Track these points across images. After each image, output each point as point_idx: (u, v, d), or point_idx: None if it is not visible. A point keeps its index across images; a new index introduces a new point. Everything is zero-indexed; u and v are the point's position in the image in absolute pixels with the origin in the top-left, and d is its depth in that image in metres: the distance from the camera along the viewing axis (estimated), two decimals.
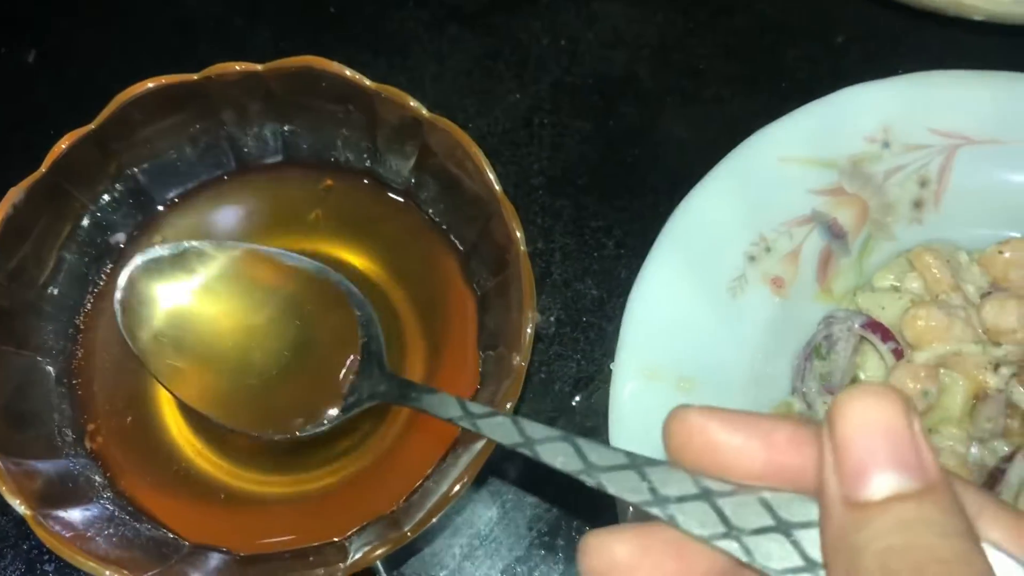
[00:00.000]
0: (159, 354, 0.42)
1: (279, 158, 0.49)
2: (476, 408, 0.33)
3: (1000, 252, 0.48)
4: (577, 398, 0.51)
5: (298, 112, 0.47)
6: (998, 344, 0.45)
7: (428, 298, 0.48)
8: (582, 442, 0.28)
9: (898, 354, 0.46)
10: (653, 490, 0.26)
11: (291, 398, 0.42)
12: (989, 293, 0.47)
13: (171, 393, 0.43)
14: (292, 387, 0.42)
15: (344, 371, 0.42)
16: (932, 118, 0.52)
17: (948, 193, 0.52)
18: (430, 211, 0.48)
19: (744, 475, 0.25)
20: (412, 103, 0.44)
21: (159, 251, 0.42)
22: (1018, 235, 0.49)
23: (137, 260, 0.42)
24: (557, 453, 0.28)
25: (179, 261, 0.43)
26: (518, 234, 0.43)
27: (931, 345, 0.45)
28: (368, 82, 0.44)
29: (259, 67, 0.45)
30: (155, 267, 0.42)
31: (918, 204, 0.52)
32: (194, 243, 0.43)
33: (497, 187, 0.43)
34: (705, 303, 0.48)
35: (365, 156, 0.48)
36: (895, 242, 0.51)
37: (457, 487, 0.40)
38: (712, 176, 0.50)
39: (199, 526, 0.44)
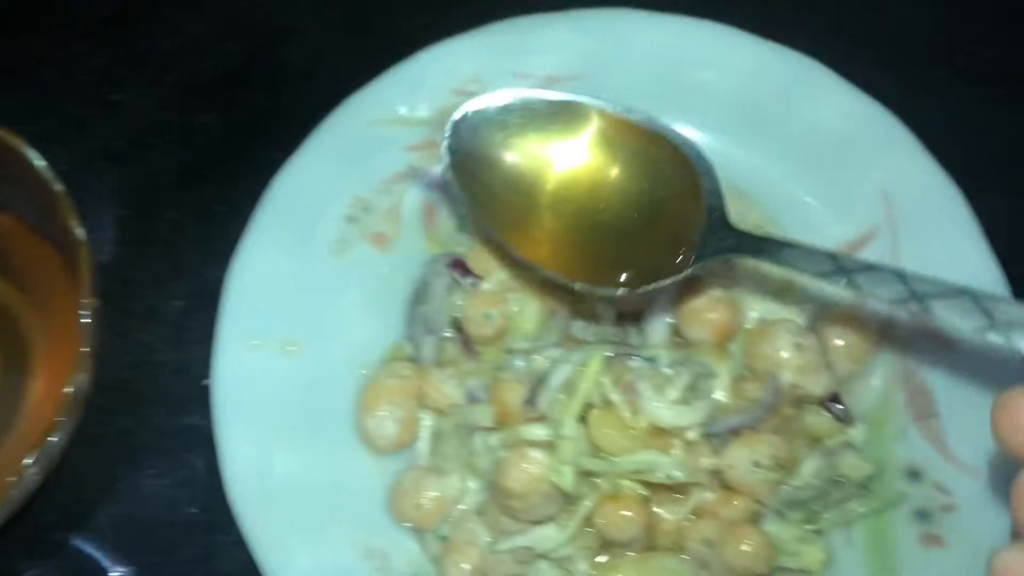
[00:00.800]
0: (491, 205, 0.43)
1: None
2: (850, 261, 0.31)
3: None
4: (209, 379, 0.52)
5: None
6: None
7: (44, 305, 0.50)
8: (983, 295, 0.25)
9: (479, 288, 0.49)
10: None
11: (632, 253, 0.42)
12: None
13: (504, 247, 0.44)
14: (633, 242, 0.42)
15: (688, 226, 0.41)
16: (517, 63, 0.54)
17: None
18: (31, 220, 0.50)
19: None
20: None
21: (489, 101, 0.44)
22: None
23: (467, 109, 0.44)
24: (954, 310, 0.26)
25: (511, 112, 0.44)
26: (73, 229, 0.44)
27: (494, 273, 0.48)
28: None
29: None
30: (485, 117, 0.44)
31: None
32: (526, 94, 0.45)
33: (55, 187, 0.45)
34: (307, 267, 0.51)
35: None
36: None
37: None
38: (305, 146, 0.52)
39: None
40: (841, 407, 0.47)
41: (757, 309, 0.48)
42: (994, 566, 0.25)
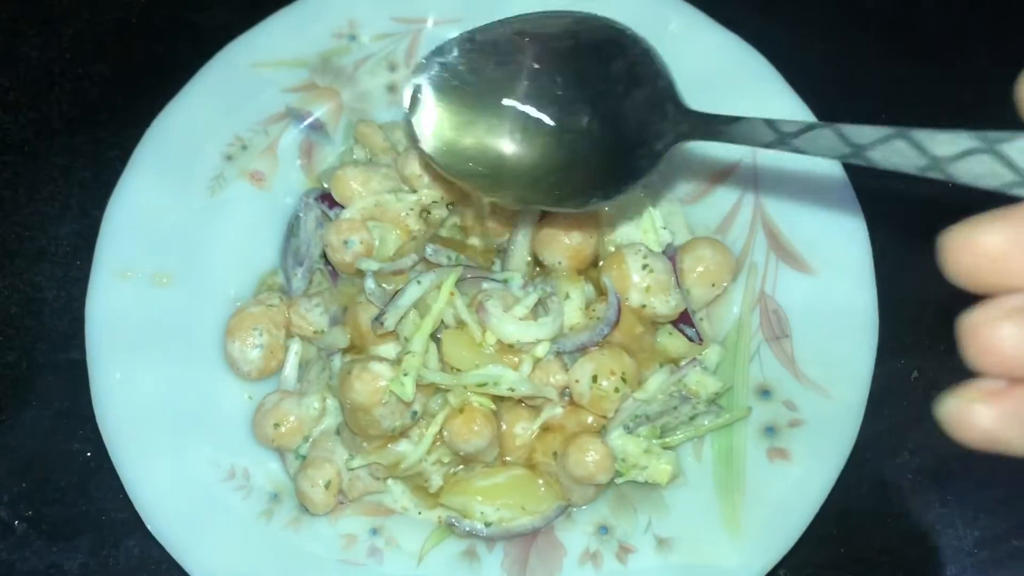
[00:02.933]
0: (455, 156, 0.42)
1: None
2: (788, 126, 0.32)
3: None
4: None
5: None
6: (414, 191, 0.49)
7: None
8: (919, 135, 0.26)
9: None
10: (1018, 169, 0.23)
11: (595, 160, 0.40)
12: None
13: (475, 192, 0.44)
14: (593, 150, 0.40)
15: (640, 119, 0.39)
16: (395, 7, 0.56)
17: None
18: None
19: None
20: None
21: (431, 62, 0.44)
22: None
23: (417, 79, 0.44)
24: (893, 154, 0.27)
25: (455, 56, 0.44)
26: None
27: (355, 200, 0.49)
28: None
29: None
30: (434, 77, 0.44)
31: (392, 88, 0.56)
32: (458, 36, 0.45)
33: None
34: (184, 202, 0.52)
35: None
36: None
37: None
38: (186, 88, 0.53)
39: None
40: (692, 328, 0.48)
41: (616, 235, 0.49)
42: (962, 327, 0.24)
